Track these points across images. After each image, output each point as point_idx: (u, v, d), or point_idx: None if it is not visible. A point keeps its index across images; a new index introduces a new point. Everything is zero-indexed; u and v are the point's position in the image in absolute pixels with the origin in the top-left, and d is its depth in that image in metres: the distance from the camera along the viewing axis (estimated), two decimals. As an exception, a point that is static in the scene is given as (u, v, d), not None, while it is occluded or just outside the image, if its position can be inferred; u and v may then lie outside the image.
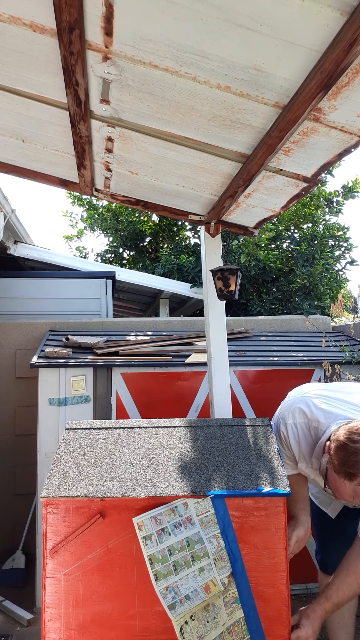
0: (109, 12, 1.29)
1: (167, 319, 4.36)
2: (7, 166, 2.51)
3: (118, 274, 5.75)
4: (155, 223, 8.86)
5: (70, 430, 1.96)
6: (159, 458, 1.76)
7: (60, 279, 5.16)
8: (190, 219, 2.72)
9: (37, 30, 1.41)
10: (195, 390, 3.35)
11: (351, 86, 1.42)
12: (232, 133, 1.80)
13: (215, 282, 2.51)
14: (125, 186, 2.51)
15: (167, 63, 1.46)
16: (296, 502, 2.02)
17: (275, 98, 1.55)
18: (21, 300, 4.92)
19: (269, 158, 1.82)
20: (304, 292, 6.25)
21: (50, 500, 1.56)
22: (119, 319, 4.32)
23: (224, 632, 1.53)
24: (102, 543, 1.54)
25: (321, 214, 7.16)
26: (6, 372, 3.95)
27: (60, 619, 1.52)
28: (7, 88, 1.76)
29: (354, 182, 7.19)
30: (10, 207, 4.80)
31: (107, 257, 9.17)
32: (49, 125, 1.98)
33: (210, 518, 1.57)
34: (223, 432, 1.93)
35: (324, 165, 1.94)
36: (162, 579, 1.48)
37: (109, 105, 1.75)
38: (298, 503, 2.02)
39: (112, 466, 1.71)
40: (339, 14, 1.18)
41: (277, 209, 2.45)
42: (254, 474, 1.66)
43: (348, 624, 2.05)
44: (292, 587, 2.88)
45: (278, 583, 1.57)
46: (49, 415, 3.14)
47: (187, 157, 2.05)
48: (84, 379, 3.23)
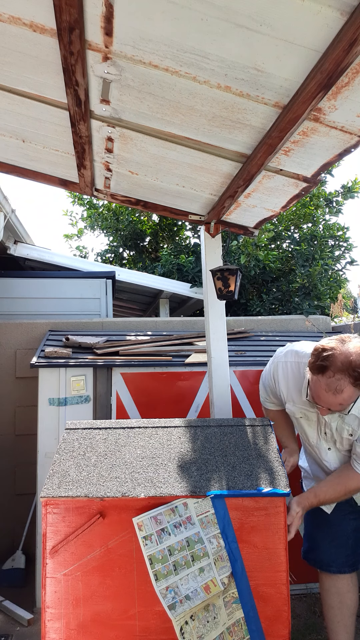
0: (109, 12, 1.29)
1: (167, 319, 4.36)
2: (7, 166, 2.51)
3: (118, 274, 5.75)
4: (155, 223, 8.86)
5: (70, 430, 1.96)
6: (159, 458, 1.76)
7: (60, 279, 5.16)
8: (190, 219, 2.72)
9: (37, 30, 1.41)
10: (195, 390, 3.35)
11: (351, 86, 1.42)
12: (232, 133, 1.80)
13: (215, 282, 2.51)
14: (125, 186, 2.51)
15: (167, 63, 1.46)
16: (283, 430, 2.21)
17: (275, 98, 1.55)
18: (21, 300, 4.92)
19: (269, 158, 1.82)
20: (303, 292, 6.25)
21: (50, 500, 1.56)
22: (119, 319, 4.32)
23: (224, 632, 1.53)
24: (102, 543, 1.54)
25: (321, 213, 7.16)
26: (6, 372, 3.94)
27: (60, 619, 1.52)
28: (7, 88, 1.76)
29: (354, 182, 7.19)
30: (10, 207, 4.80)
31: (107, 257, 9.17)
32: (49, 125, 1.98)
33: (210, 518, 1.57)
34: (223, 432, 1.93)
35: (324, 165, 1.94)
36: (162, 579, 1.48)
37: (109, 105, 1.75)
38: (285, 431, 2.21)
39: (112, 466, 1.71)
40: (339, 14, 1.18)
41: (277, 209, 2.45)
42: (254, 474, 1.66)
43: (348, 623, 2.05)
44: (292, 587, 2.88)
45: (278, 583, 1.57)
46: (49, 415, 3.14)
47: (187, 157, 2.05)
48: (84, 379, 3.22)
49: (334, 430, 1.96)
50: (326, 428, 1.99)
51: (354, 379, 1.66)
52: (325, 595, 2.09)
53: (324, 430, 2.01)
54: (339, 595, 2.06)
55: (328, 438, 2.02)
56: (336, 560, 2.05)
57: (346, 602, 2.05)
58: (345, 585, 2.06)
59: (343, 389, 1.68)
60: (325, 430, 2.00)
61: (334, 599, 2.06)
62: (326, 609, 2.09)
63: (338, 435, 1.97)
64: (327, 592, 2.08)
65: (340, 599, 2.05)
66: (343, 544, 2.06)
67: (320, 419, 2.00)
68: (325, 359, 1.68)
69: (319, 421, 2.01)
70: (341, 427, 1.93)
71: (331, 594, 2.07)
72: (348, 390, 1.68)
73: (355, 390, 1.69)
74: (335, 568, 2.05)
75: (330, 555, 2.06)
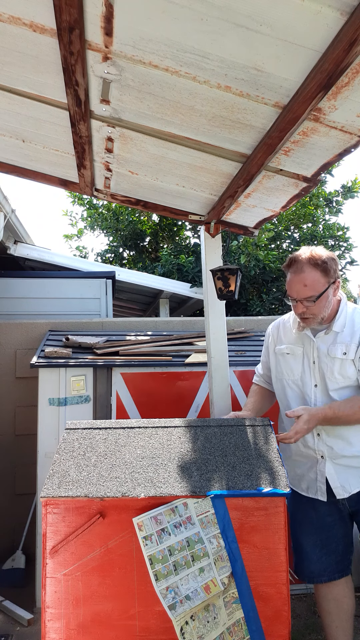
0: (109, 12, 1.29)
1: (167, 319, 4.36)
2: (7, 166, 2.51)
3: (118, 274, 5.75)
4: (155, 223, 8.86)
5: (70, 430, 1.96)
6: (159, 458, 1.76)
7: (60, 279, 5.16)
8: (190, 219, 2.72)
9: (37, 30, 1.41)
10: (195, 390, 3.35)
11: (351, 86, 1.42)
12: (232, 133, 1.80)
13: (215, 282, 2.51)
14: (125, 186, 2.51)
15: (167, 63, 1.46)
16: (252, 398, 2.37)
17: (275, 98, 1.55)
18: (21, 300, 4.92)
19: (269, 158, 1.82)
20: (303, 292, 6.24)
21: (50, 500, 1.56)
22: (119, 319, 4.32)
23: (224, 632, 1.53)
24: (102, 543, 1.54)
25: (321, 213, 7.16)
26: (6, 372, 3.94)
27: (60, 619, 1.52)
28: (7, 88, 1.76)
29: (353, 182, 7.20)
30: (10, 207, 4.80)
31: (107, 257, 9.17)
32: (49, 125, 1.99)
33: (210, 518, 1.57)
34: (223, 432, 1.93)
35: (324, 165, 1.94)
36: (162, 579, 1.48)
37: (109, 105, 1.75)
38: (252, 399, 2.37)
39: (112, 466, 1.71)
40: (339, 14, 1.18)
41: (277, 209, 2.45)
42: (254, 474, 1.66)
43: (346, 627, 2.03)
44: (292, 587, 2.88)
45: (278, 583, 1.57)
46: (49, 415, 3.14)
47: (187, 157, 2.05)
48: (84, 379, 3.22)
49: (326, 356, 2.01)
50: (314, 355, 2.05)
51: (313, 263, 1.96)
52: (322, 601, 2.07)
53: (312, 359, 2.06)
54: (335, 601, 2.05)
55: (315, 370, 2.05)
56: (327, 568, 2.03)
57: (343, 607, 2.04)
58: (341, 591, 2.04)
59: (304, 270, 1.96)
60: (313, 359, 2.06)
61: (330, 605, 2.05)
62: (324, 614, 2.08)
63: (330, 361, 2.01)
64: (324, 599, 2.07)
65: (337, 604, 2.04)
66: (333, 550, 2.04)
67: (308, 350, 2.08)
68: (294, 256, 2.03)
69: (306, 353, 2.09)
70: (333, 349, 2.00)
71: (328, 601, 2.06)
72: (308, 270, 1.96)
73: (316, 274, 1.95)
74: (326, 577, 2.04)
75: (321, 564, 2.04)
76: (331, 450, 2.01)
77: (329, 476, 2.02)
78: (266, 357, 2.35)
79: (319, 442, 2.03)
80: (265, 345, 2.38)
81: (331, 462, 2.02)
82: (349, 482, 2.01)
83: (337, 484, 2.01)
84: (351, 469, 2.01)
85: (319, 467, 2.04)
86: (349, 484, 2.00)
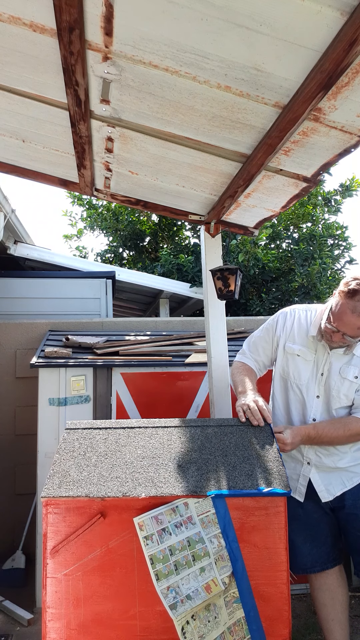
0: (109, 12, 1.29)
1: (167, 319, 4.36)
2: (7, 166, 2.51)
3: (118, 274, 5.75)
4: (154, 223, 8.86)
5: (70, 430, 1.96)
6: (159, 458, 1.76)
7: (60, 279, 5.16)
8: (190, 219, 2.72)
9: (37, 30, 1.41)
10: (195, 390, 3.35)
11: (351, 86, 1.42)
12: (232, 133, 1.80)
13: (215, 282, 2.51)
14: (125, 186, 2.51)
15: (167, 63, 1.46)
16: (245, 377, 2.14)
17: (275, 98, 1.55)
18: (21, 300, 4.92)
19: (269, 158, 1.82)
20: (303, 291, 6.25)
21: (50, 500, 1.56)
22: (119, 319, 4.32)
23: (225, 632, 1.53)
24: (103, 543, 1.54)
25: (320, 212, 7.16)
26: (6, 372, 3.94)
27: (60, 619, 1.52)
28: (7, 88, 1.76)
29: (352, 181, 7.19)
30: (10, 207, 4.80)
31: (107, 257, 9.17)
32: (49, 125, 1.98)
33: (211, 518, 1.57)
34: (223, 432, 1.93)
35: (324, 165, 1.94)
36: (163, 579, 1.48)
37: (109, 105, 1.75)
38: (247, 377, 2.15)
39: (112, 466, 1.71)
40: (339, 13, 1.18)
41: (277, 209, 2.45)
42: (255, 474, 1.66)
43: (342, 619, 2.06)
44: (292, 587, 2.88)
45: (278, 583, 1.57)
46: (49, 415, 3.14)
47: (187, 157, 2.05)
48: (84, 379, 3.22)
49: (337, 372, 1.97)
50: (324, 368, 2.01)
51: None
52: (317, 593, 2.10)
53: (321, 370, 2.02)
54: (329, 591, 2.08)
55: (322, 382, 2.02)
56: (318, 559, 2.07)
57: (338, 598, 2.07)
58: (335, 581, 2.08)
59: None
60: (322, 371, 2.01)
61: (325, 596, 2.08)
62: (319, 607, 2.10)
63: (339, 380, 1.97)
64: (318, 590, 2.10)
65: (332, 595, 2.07)
66: (323, 542, 2.08)
67: (320, 360, 2.02)
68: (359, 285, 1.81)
69: (317, 362, 2.03)
70: (346, 370, 1.96)
71: (322, 592, 2.09)
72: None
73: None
74: (319, 567, 2.07)
75: (312, 556, 2.08)
76: (319, 460, 2.05)
77: (314, 481, 2.06)
78: (268, 345, 2.21)
79: (309, 450, 2.06)
80: (269, 330, 2.21)
81: (316, 469, 2.06)
82: (332, 484, 2.05)
83: (322, 488, 2.05)
84: (334, 472, 2.05)
85: (303, 471, 2.08)
86: (333, 486, 2.05)
